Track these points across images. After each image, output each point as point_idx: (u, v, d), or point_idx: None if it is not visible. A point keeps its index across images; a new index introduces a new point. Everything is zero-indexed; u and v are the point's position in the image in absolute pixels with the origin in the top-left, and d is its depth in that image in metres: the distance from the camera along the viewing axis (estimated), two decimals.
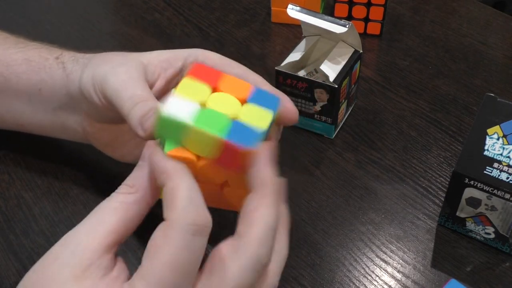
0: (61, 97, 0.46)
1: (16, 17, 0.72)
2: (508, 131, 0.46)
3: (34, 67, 0.47)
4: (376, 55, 0.68)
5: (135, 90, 0.39)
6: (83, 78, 0.42)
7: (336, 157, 0.55)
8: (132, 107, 0.38)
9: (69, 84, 0.45)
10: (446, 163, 0.55)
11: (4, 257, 0.46)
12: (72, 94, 0.45)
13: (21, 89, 0.47)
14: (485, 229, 0.47)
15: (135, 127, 0.37)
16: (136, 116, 0.37)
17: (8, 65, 0.47)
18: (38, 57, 0.47)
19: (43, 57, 0.47)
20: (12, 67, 0.47)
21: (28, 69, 0.47)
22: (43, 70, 0.46)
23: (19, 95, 0.48)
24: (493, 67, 0.66)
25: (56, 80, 0.46)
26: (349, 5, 0.68)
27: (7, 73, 0.47)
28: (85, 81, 0.42)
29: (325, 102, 0.54)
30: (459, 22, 0.72)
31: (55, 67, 0.46)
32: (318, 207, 0.51)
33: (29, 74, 0.47)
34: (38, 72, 0.47)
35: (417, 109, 0.60)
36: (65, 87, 0.45)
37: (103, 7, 0.77)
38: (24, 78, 0.47)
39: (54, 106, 0.47)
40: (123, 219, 0.33)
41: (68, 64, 0.46)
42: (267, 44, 0.69)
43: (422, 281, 0.46)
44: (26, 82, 0.47)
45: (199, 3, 0.75)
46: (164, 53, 0.44)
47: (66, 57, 0.46)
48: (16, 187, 0.52)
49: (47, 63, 0.47)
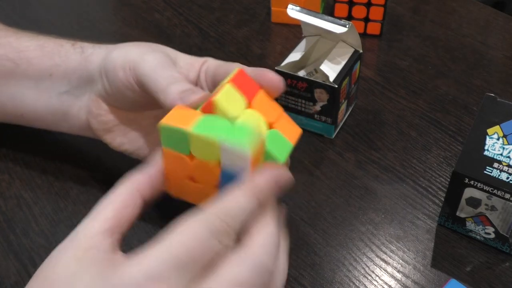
0: (73, 79, 0.47)
1: (16, 17, 0.72)
2: (508, 131, 0.46)
3: (48, 52, 0.48)
4: (376, 55, 0.68)
5: (173, 72, 0.41)
6: (113, 55, 0.44)
7: (336, 157, 0.56)
8: (172, 83, 0.39)
9: (88, 64, 0.46)
10: (446, 163, 0.55)
11: (4, 257, 0.46)
12: (89, 74, 0.46)
13: (30, 74, 0.48)
14: (485, 229, 0.47)
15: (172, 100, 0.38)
16: (176, 90, 0.39)
17: (20, 51, 0.48)
18: (53, 43, 0.49)
19: (58, 44, 0.48)
20: (24, 53, 0.48)
21: (41, 54, 0.48)
22: (57, 55, 0.48)
23: (27, 80, 0.48)
24: (493, 67, 0.66)
25: (70, 63, 0.47)
26: (349, 5, 0.68)
27: (17, 59, 0.48)
28: (115, 58, 0.43)
29: (325, 102, 0.54)
30: (459, 22, 0.72)
31: (71, 51, 0.47)
32: (318, 207, 0.51)
33: (42, 59, 0.48)
34: (52, 57, 0.48)
35: (417, 109, 0.60)
36: (82, 68, 0.46)
37: (103, 7, 0.77)
38: (35, 63, 0.48)
39: (61, 91, 0.48)
40: (119, 208, 0.34)
41: (87, 48, 0.47)
42: (267, 44, 0.69)
43: (422, 281, 0.46)
44: (36, 67, 0.48)
45: (199, 3, 0.75)
46: (187, 57, 0.45)
47: (85, 44, 0.48)
48: (16, 187, 0.52)
49: (62, 48, 0.48)
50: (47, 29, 0.71)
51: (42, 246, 0.47)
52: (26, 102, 0.49)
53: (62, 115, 0.49)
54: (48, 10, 0.74)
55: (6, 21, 0.52)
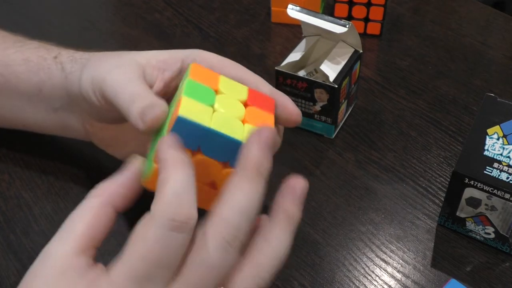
0: (61, 97, 0.46)
1: (16, 17, 0.72)
2: (508, 131, 0.46)
3: (33, 67, 0.47)
4: (376, 55, 0.68)
5: (134, 88, 0.39)
6: (82, 80, 0.42)
7: (336, 157, 0.56)
8: (133, 102, 0.37)
9: (69, 85, 0.45)
10: (446, 163, 0.55)
11: (4, 257, 0.46)
12: (72, 94, 0.45)
13: (21, 90, 0.47)
14: (485, 229, 0.47)
15: (135, 121, 0.37)
16: (136, 109, 0.37)
17: (7, 65, 0.47)
18: (36, 57, 0.47)
19: (41, 57, 0.47)
20: (12, 67, 0.47)
21: (27, 69, 0.47)
22: (42, 71, 0.46)
23: (20, 95, 0.48)
24: (493, 67, 0.66)
25: (55, 81, 0.46)
26: (349, 5, 0.68)
27: (7, 73, 0.47)
28: (84, 83, 0.42)
29: (325, 102, 0.54)
30: (459, 22, 0.72)
31: (53, 67, 0.46)
32: (318, 207, 0.51)
33: (29, 74, 0.47)
34: (37, 72, 0.46)
35: (417, 109, 0.60)
36: (65, 88, 0.45)
37: (103, 7, 0.77)
38: (24, 78, 0.47)
39: (55, 106, 0.47)
40: (91, 223, 0.33)
41: (66, 65, 0.45)
42: (267, 44, 0.69)
43: (422, 281, 0.46)
44: (26, 83, 0.47)
45: (199, 3, 0.75)
46: (161, 54, 0.43)
47: (64, 57, 0.46)
48: (16, 187, 0.52)
49: (45, 63, 0.46)
50: (47, 29, 0.71)
51: (42, 246, 0.47)
52: (26, 114, 0.49)
53: (61, 127, 0.48)
54: (48, 10, 0.74)
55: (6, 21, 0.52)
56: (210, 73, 0.38)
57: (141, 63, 0.42)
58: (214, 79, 0.38)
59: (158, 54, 0.43)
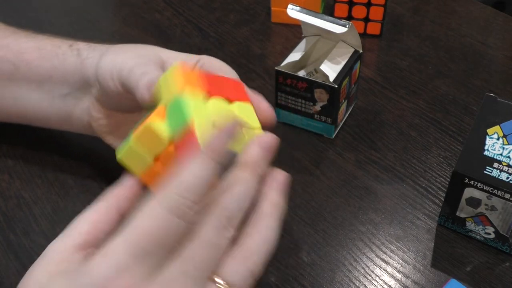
0: (72, 83, 0.47)
1: (16, 17, 0.72)
2: (508, 131, 0.46)
3: (46, 54, 0.48)
4: (376, 55, 0.68)
5: (147, 69, 0.41)
6: (102, 63, 0.44)
7: (336, 157, 0.56)
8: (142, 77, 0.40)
9: (84, 69, 0.46)
10: (446, 163, 0.55)
11: (4, 257, 0.46)
12: (85, 79, 0.46)
13: (30, 77, 0.48)
14: (485, 229, 0.47)
15: (142, 92, 0.39)
16: (143, 82, 0.39)
17: (19, 53, 0.48)
18: (50, 45, 0.48)
19: (55, 45, 0.48)
20: (23, 55, 0.48)
21: (40, 56, 0.48)
22: (55, 57, 0.47)
23: (29, 83, 0.48)
24: (493, 67, 0.66)
25: (68, 66, 0.47)
26: (349, 5, 0.68)
27: (17, 61, 0.48)
28: (104, 66, 0.44)
29: (325, 102, 0.54)
30: (459, 22, 0.72)
31: (68, 53, 0.47)
32: (318, 207, 0.51)
33: (40, 61, 0.48)
34: (50, 59, 0.48)
35: (417, 109, 0.60)
36: (78, 73, 0.46)
37: (103, 7, 0.77)
38: (34, 65, 0.48)
39: (63, 93, 0.48)
40: (92, 222, 0.34)
41: (83, 51, 0.47)
42: (267, 44, 0.69)
43: (422, 281, 0.46)
44: (36, 70, 0.48)
45: (199, 3, 0.75)
46: (179, 55, 0.45)
47: (81, 45, 0.48)
48: (16, 187, 0.52)
49: (60, 50, 0.48)
50: (47, 29, 0.70)
51: (42, 246, 0.47)
52: (29, 104, 0.49)
53: (65, 116, 0.49)
54: (48, 10, 0.74)
55: (6, 21, 0.52)
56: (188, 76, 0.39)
57: (162, 57, 0.44)
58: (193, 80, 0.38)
59: (177, 55, 0.45)
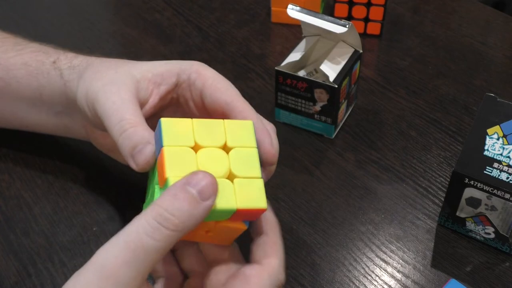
0: (61, 102, 0.46)
1: (16, 17, 0.72)
2: (508, 131, 0.46)
3: (32, 72, 0.47)
4: (376, 55, 0.68)
5: (124, 114, 0.38)
6: (78, 93, 0.42)
7: (336, 157, 0.56)
8: (121, 134, 0.38)
9: (68, 92, 0.45)
10: (446, 163, 0.55)
11: (4, 257, 0.46)
12: (70, 101, 0.45)
13: (22, 94, 0.47)
14: (485, 229, 0.47)
15: (126, 159, 0.38)
16: (126, 146, 0.37)
17: (8, 70, 0.47)
18: (35, 61, 0.47)
19: (40, 62, 0.47)
20: (12, 72, 0.47)
21: (27, 73, 0.47)
22: (41, 76, 0.46)
23: (21, 99, 0.48)
24: (493, 67, 0.66)
25: (54, 87, 0.46)
26: (349, 5, 0.68)
27: (7, 78, 0.47)
28: (79, 97, 0.42)
29: (325, 102, 0.54)
30: (459, 22, 0.72)
31: (52, 73, 0.46)
32: (318, 207, 0.51)
33: (28, 78, 0.47)
34: (37, 77, 0.46)
35: (417, 109, 0.60)
36: (64, 94, 0.45)
37: (103, 7, 0.77)
38: (24, 82, 0.47)
39: (56, 110, 0.47)
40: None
41: (64, 71, 0.45)
42: (267, 44, 0.69)
43: (422, 281, 0.46)
44: (26, 87, 0.47)
45: (199, 3, 0.75)
46: (157, 67, 0.42)
47: (63, 62, 0.46)
48: (16, 187, 0.52)
49: (44, 67, 0.46)
50: (47, 29, 0.71)
51: (42, 246, 0.47)
52: (28, 117, 0.49)
53: (64, 129, 0.49)
54: (48, 10, 0.74)
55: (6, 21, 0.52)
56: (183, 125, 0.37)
57: (136, 77, 0.41)
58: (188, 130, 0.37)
59: (154, 67, 0.42)
